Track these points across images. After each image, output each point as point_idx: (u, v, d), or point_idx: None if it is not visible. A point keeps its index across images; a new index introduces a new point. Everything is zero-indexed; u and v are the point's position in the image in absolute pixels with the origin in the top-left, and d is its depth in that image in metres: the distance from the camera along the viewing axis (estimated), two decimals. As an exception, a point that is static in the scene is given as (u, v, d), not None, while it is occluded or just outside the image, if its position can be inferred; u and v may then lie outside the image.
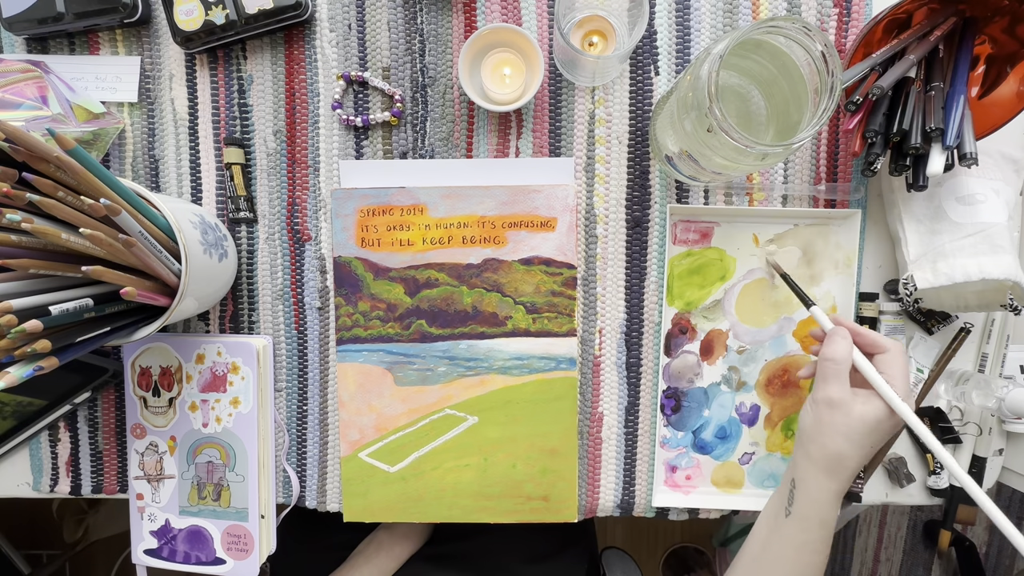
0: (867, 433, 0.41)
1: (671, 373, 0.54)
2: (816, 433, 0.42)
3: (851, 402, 0.41)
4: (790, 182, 0.52)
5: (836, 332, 0.43)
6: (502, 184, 0.51)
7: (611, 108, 0.52)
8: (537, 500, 0.53)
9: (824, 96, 0.37)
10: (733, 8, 0.51)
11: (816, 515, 0.42)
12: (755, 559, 0.46)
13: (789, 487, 0.44)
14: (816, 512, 0.42)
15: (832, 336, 0.43)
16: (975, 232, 0.47)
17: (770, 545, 0.45)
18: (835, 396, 0.41)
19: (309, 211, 0.54)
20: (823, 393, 0.42)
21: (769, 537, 0.45)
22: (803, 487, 0.43)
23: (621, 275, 0.53)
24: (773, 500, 0.46)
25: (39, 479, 0.56)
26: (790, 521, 0.43)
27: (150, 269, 0.40)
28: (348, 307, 0.52)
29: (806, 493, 0.43)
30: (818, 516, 0.42)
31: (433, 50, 0.52)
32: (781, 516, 0.44)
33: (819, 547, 0.43)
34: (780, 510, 0.44)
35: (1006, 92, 0.45)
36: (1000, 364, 0.54)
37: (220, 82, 0.53)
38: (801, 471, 0.43)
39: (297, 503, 0.56)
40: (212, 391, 0.53)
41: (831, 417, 0.41)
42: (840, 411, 0.41)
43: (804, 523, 0.43)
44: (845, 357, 0.42)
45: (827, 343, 0.43)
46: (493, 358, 0.52)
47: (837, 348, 0.42)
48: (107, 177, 0.38)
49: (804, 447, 0.43)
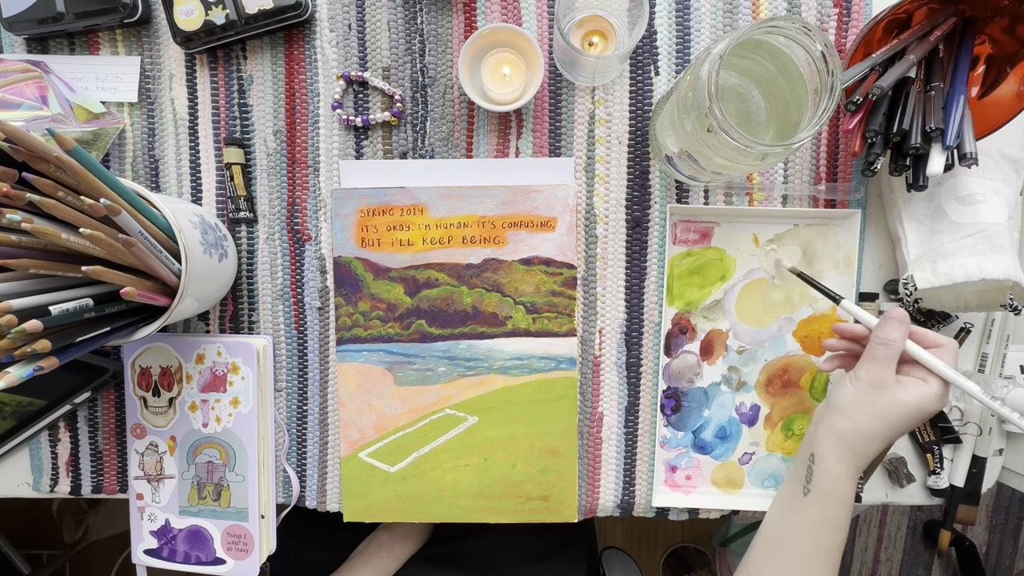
0: (902, 418, 0.41)
1: (671, 373, 0.54)
2: (852, 409, 0.42)
3: (894, 386, 0.41)
4: (790, 182, 0.52)
5: (893, 314, 0.42)
6: (502, 184, 0.51)
7: (611, 108, 0.52)
8: (537, 500, 0.53)
9: (824, 96, 0.37)
10: (733, 8, 0.51)
11: (835, 492, 0.42)
12: (772, 543, 0.45)
13: (807, 463, 0.44)
14: (835, 489, 0.42)
15: (888, 318, 0.42)
16: (975, 232, 0.47)
17: (787, 526, 0.44)
18: (881, 377, 0.41)
19: (309, 211, 0.54)
20: (869, 373, 0.42)
21: (786, 518, 0.45)
22: (822, 462, 0.43)
23: (621, 275, 0.53)
24: (787, 485, 0.46)
25: (39, 479, 0.56)
26: (809, 499, 0.43)
27: (150, 269, 0.40)
28: (348, 307, 0.52)
29: (825, 469, 0.43)
30: (837, 494, 0.42)
31: (433, 50, 0.52)
32: (799, 495, 0.44)
33: (839, 525, 0.43)
34: (797, 489, 0.44)
35: (1006, 92, 0.45)
36: (1000, 364, 0.54)
37: (220, 82, 0.53)
38: (822, 445, 0.43)
39: (297, 503, 0.56)
40: (212, 391, 0.53)
41: (873, 397, 0.41)
42: (884, 393, 0.41)
43: (823, 500, 0.43)
44: (900, 340, 0.42)
45: (883, 325, 0.42)
46: (493, 358, 0.52)
47: (892, 330, 0.42)
48: (107, 177, 0.38)
49: (832, 421, 0.43)
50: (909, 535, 1.36)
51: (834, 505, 0.42)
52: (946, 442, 0.55)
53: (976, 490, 0.54)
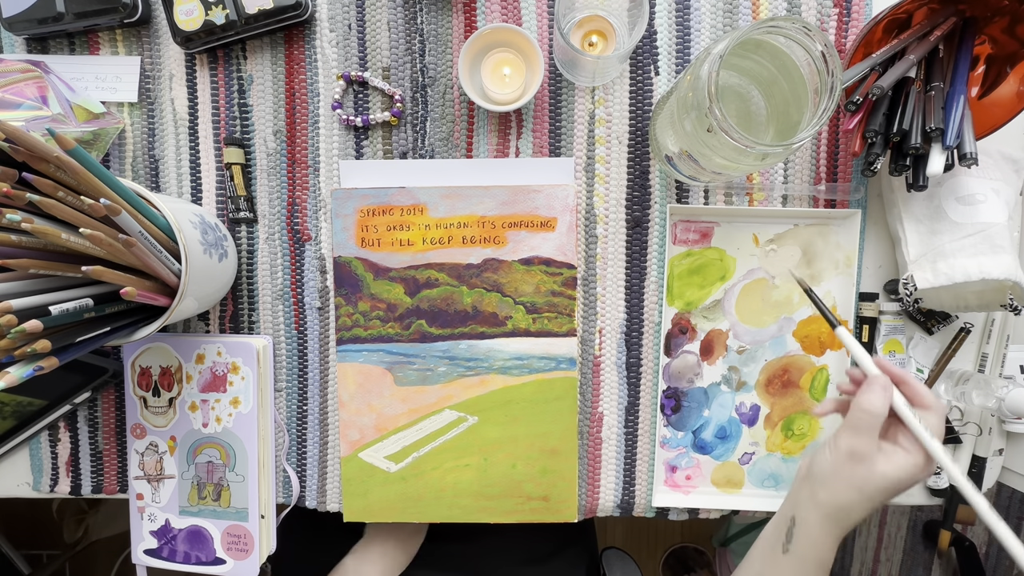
0: (882, 490, 0.39)
1: (671, 373, 0.54)
2: (830, 480, 0.40)
3: (875, 457, 0.39)
4: (790, 182, 0.52)
5: (877, 382, 0.40)
6: (502, 184, 0.51)
7: (611, 108, 0.52)
8: (537, 500, 0.53)
9: (824, 96, 0.37)
10: (733, 8, 0.51)
11: (815, 556, 0.41)
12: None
13: (788, 524, 0.43)
14: (815, 554, 0.41)
15: (872, 385, 0.40)
16: (975, 232, 0.46)
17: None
18: (860, 449, 0.39)
19: (309, 211, 0.54)
20: (848, 443, 0.40)
21: (763, 571, 0.44)
22: (804, 528, 0.41)
23: (621, 275, 0.53)
24: (769, 532, 0.45)
25: (39, 479, 0.56)
26: (787, 558, 0.42)
27: (150, 269, 0.40)
28: (348, 307, 0.52)
29: (806, 534, 0.41)
30: (817, 558, 0.41)
31: (433, 50, 0.52)
32: (778, 551, 0.43)
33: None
34: (777, 545, 0.43)
35: (1006, 92, 0.45)
36: (1000, 364, 0.54)
37: (220, 82, 0.53)
38: (803, 511, 0.42)
39: (297, 503, 0.56)
40: (212, 391, 0.53)
41: (851, 469, 0.39)
42: (862, 465, 0.39)
43: (801, 563, 0.41)
44: (882, 411, 0.39)
45: (865, 390, 0.40)
46: (493, 358, 0.52)
47: (875, 400, 0.39)
48: (107, 177, 0.38)
49: (813, 489, 0.41)
50: (909, 535, 1.36)
51: (812, 568, 0.41)
52: (946, 442, 0.55)
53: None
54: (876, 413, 0.39)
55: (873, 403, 0.39)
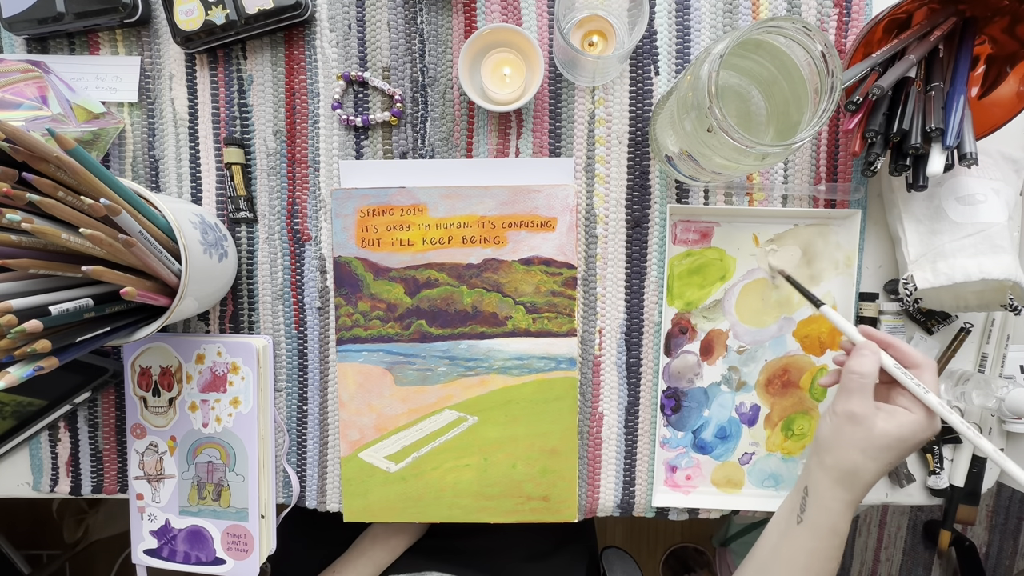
0: (886, 448, 0.40)
1: (671, 373, 0.54)
2: (833, 445, 0.42)
3: (873, 417, 0.40)
4: (790, 182, 0.52)
5: (865, 346, 0.42)
6: (502, 184, 0.51)
7: (611, 108, 0.52)
8: (537, 500, 0.53)
9: (824, 96, 0.37)
10: (733, 8, 0.51)
11: (828, 523, 0.42)
12: (764, 564, 0.46)
13: (802, 494, 0.44)
14: (828, 521, 0.42)
15: (860, 349, 0.42)
16: (975, 232, 0.46)
17: (780, 551, 0.44)
18: (857, 410, 0.41)
19: (309, 211, 0.54)
20: (844, 406, 0.41)
21: (779, 543, 0.45)
22: (816, 496, 0.43)
23: (621, 275, 0.53)
24: (784, 506, 0.46)
25: (39, 479, 0.56)
26: (801, 528, 0.43)
27: (150, 269, 0.40)
28: (348, 307, 0.52)
29: (818, 502, 0.42)
30: (830, 525, 0.42)
31: (433, 50, 0.52)
32: (792, 522, 0.44)
33: (830, 554, 0.42)
34: (792, 516, 0.44)
35: (1006, 92, 0.45)
36: (1000, 364, 0.54)
37: (220, 82, 0.53)
38: (814, 480, 0.43)
39: (297, 503, 0.56)
40: (212, 391, 0.53)
41: (851, 431, 0.41)
42: (861, 426, 0.40)
43: (816, 531, 0.42)
44: (871, 371, 0.41)
45: (854, 356, 0.42)
46: (493, 358, 0.52)
47: (864, 362, 0.41)
48: (107, 177, 0.38)
49: (819, 457, 0.43)
50: (909, 535, 1.36)
51: (826, 535, 0.42)
52: (946, 442, 0.55)
53: (976, 490, 0.54)
54: (865, 373, 0.41)
55: (862, 364, 0.41)
